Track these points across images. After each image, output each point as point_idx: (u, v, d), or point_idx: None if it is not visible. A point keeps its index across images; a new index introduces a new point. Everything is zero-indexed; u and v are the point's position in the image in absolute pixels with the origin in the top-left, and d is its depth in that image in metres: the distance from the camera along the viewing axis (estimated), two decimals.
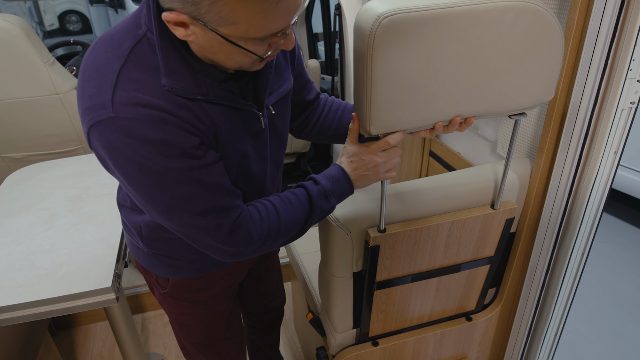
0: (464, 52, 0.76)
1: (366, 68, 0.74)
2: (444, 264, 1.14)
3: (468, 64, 0.78)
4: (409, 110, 0.79)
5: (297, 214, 0.85)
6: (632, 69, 0.95)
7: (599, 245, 2.63)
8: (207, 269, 1.04)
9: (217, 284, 1.09)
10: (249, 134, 0.85)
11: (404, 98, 0.78)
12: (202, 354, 1.22)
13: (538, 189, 1.13)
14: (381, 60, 0.74)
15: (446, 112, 0.82)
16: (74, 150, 1.96)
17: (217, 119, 0.77)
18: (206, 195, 0.76)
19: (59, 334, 2.07)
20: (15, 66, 1.70)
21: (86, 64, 0.73)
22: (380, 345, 1.24)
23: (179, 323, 1.14)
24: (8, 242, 1.22)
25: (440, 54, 0.75)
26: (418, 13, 0.72)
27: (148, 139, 0.68)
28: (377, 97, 0.77)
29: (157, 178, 0.71)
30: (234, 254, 0.83)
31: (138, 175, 0.71)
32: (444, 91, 0.79)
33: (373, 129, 0.80)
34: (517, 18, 0.76)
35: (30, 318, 1.05)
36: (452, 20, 0.73)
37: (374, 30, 0.71)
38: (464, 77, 0.79)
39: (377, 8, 0.72)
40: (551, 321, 1.30)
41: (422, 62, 0.75)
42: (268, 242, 0.85)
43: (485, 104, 0.83)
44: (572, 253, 1.18)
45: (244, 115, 0.83)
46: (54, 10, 8.02)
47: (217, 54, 0.70)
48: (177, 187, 0.73)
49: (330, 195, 0.88)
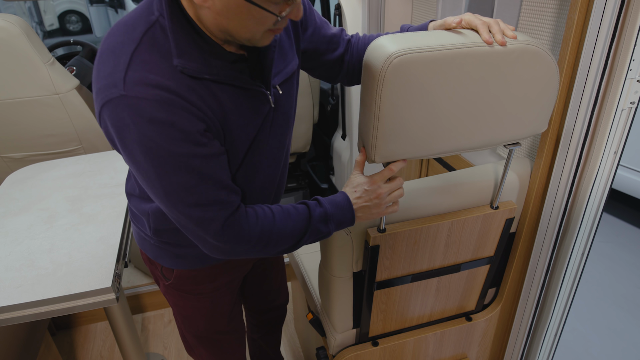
0: (468, 89, 0.80)
1: (374, 103, 0.78)
2: (444, 263, 1.14)
3: (471, 100, 0.81)
4: (413, 142, 0.83)
5: (293, 227, 0.86)
6: (632, 69, 0.95)
7: (599, 245, 2.63)
8: (212, 260, 1.05)
9: (220, 277, 1.10)
10: (257, 115, 0.86)
11: (409, 131, 0.81)
12: (203, 348, 1.23)
13: (538, 189, 1.13)
14: (390, 96, 0.77)
15: (447, 144, 0.86)
16: (74, 150, 1.96)
17: (226, 101, 0.79)
18: (203, 187, 0.77)
19: (59, 334, 2.07)
20: (15, 66, 1.70)
21: (102, 48, 0.76)
22: (380, 345, 1.24)
23: (182, 315, 1.16)
24: (8, 242, 1.21)
25: (445, 91, 0.79)
26: (427, 53, 0.75)
27: (154, 119, 0.70)
28: (384, 129, 0.80)
29: (158, 162, 0.73)
30: (223, 251, 0.83)
31: (141, 156, 0.73)
32: (447, 125, 0.83)
33: (377, 157, 0.84)
34: (519, 58, 0.80)
35: (30, 318, 1.05)
36: (459, 60, 0.77)
37: (384, 69, 0.75)
38: (466, 112, 0.82)
39: (388, 47, 0.76)
40: (551, 321, 1.30)
41: (428, 99, 0.79)
42: (258, 246, 0.85)
43: (484, 137, 0.87)
44: (572, 253, 1.18)
45: (252, 97, 0.84)
46: (54, 10, 8.02)
47: (231, 21, 0.71)
48: (175, 174, 0.74)
49: (330, 221, 0.89)
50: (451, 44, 0.76)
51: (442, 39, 0.78)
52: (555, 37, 1.08)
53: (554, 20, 1.07)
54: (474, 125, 0.84)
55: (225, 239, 0.81)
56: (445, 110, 0.81)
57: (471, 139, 0.86)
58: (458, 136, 0.85)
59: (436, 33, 0.81)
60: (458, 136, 0.85)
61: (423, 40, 0.77)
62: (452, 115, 0.82)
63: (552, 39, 1.09)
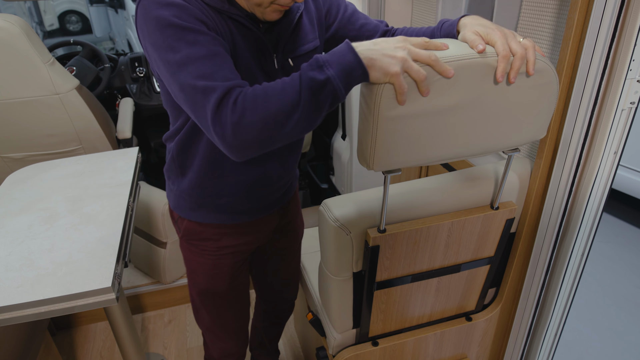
0: (468, 101, 0.80)
1: (373, 113, 0.77)
2: (444, 264, 1.14)
3: (469, 110, 0.82)
4: (412, 151, 0.83)
5: (283, 83, 0.77)
6: (632, 69, 0.95)
7: (599, 245, 2.63)
8: (220, 219, 1.13)
9: (225, 240, 1.16)
10: (262, 69, 0.96)
11: (408, 140, 0.82)
12: (205, 311, 1.27)
13: (538, 189, 1.13)
14: (389, 106, 0.77)
15: (446, 152, 0.86)
16: (74, 150, 1.96)
17: (237, 37, 0.90)
18: (211, 62, 0.80)
19: (59, 334, 2.07)
20: (15, 66, 1.70)
21: None
22: (380, 345, 1.24)
23: (189, 270, 1.23)
24: (8, 242, 1.22)
25: (446, 103, 0.79)
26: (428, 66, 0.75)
27: (169, 3, 0.81)
28: (383, 139, 0.80)
29: (174, 33, 0.80)
30: (223, 125, 0.76)
31: (157, 32, 0.81)
32: (446, 134, 0.83)
33: (376, 166, 0.84)
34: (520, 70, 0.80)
35: (30, 318, 1.05)
36: (459, 72, 0.77)
37: (382, 84, 0.75)
38: (465, 121, 0.83)
39: None
40: (551, 321, 1.30)
41: (428, 109, 0.79)
42: (257, 110, 0.75)
43: (483, 144, 0.88)
44: (572, 253, 1.18)
45: (260, 50, 0.94)
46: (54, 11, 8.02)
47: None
48: (187, 47, 0.80)
49: (326, 66, 0.75)
50: (451, 56, 0.76)
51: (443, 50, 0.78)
52: (555, 37, 1.09)
53: (554, 20, 1.07)
54: (473, 134, 0.85)
55: (225, 110, 0.76)
56: (444, 120, 0.81)
57: (470, 146, 0.87)
58: (457, 144, 0.85)
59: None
60: (457, 144, 0.85)
61: None
62: (451, 125, 0.82)
63: (552, 39, 1.09)
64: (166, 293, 2.16)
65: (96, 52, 2.65)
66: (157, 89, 2.71)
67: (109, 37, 7.96)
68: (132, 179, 1.48)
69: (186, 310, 2.19)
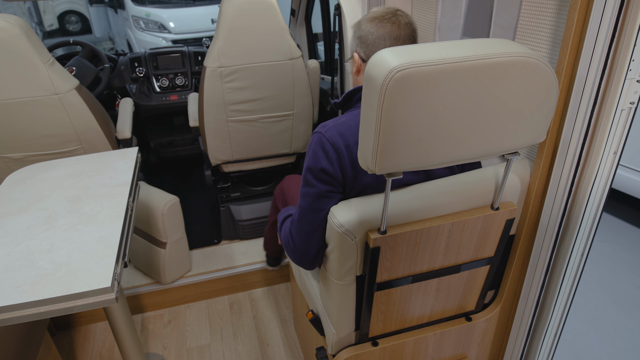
0: (468, 102, 0.80)
1: (376, 116, 0.78)
2: (444, 264, 1.14)
3: (471, 113, 0.82)
4: (413, 154, 0.84)
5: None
6: (632, 69, 0.95)
7: (599, 245, 2.63)
8: None
9: None
10: None
11: (410, 143, 0.82)
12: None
13: (538, 189, 1.13)
14: (391, 110, 0.77)
15: (447, 155, 0.86)
16: (74, 150, 1.96)
17: None
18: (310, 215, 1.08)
19: (58, 334, 2.07)
20: (15, 66, 1.69)
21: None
22: (380, 345, 1.24)
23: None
24: (7, 242, 1.21)
25: (446, 104, 0.79)
26: (429, 67, 0.75)
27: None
28: (385, 142, 0.80)
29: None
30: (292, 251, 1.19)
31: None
32: (447, 137, 0.83)
33: (378, 169, 0.84)
34: (520, 72, 0.80)
35: (30, 318, 1.05)
36: (460, 74, 0.77)
37: (386, 83, 0.75)
38: (465, 124, 0.83)
39: (390, 61, 0.76)
40: (551, 321, 1.30)
41: (429, 112, 0.79)
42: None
43: (483, 148, 0.88)
44: (571, 253, 1.18)
45: None
46: (53, 11, 8.02)
47: None
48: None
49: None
50: (452, 58, 0.76)
51: (444, 52, 0.78)
52: (555, 37, 1.08)
53: (554, 20, 1.07)
54: (473, 137, 0.85)
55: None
56: (445, 123, 0.81)
57: (470, 150, 0.87)
58: (457, 148, 0.86)
59: (438, 45, 0.81)
60: (457, 148, 0.86)
61: (424, 53, 0.77)
62: (452, 128, 0.82)
63: (552, 39, 1.09)
64: (166, 293, 2.16)
65: (96, 52, 2.65)
66: (157, 89, 2.71)
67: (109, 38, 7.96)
68: (132, 179, 1.48)
69: (186, 310, 2.19)
